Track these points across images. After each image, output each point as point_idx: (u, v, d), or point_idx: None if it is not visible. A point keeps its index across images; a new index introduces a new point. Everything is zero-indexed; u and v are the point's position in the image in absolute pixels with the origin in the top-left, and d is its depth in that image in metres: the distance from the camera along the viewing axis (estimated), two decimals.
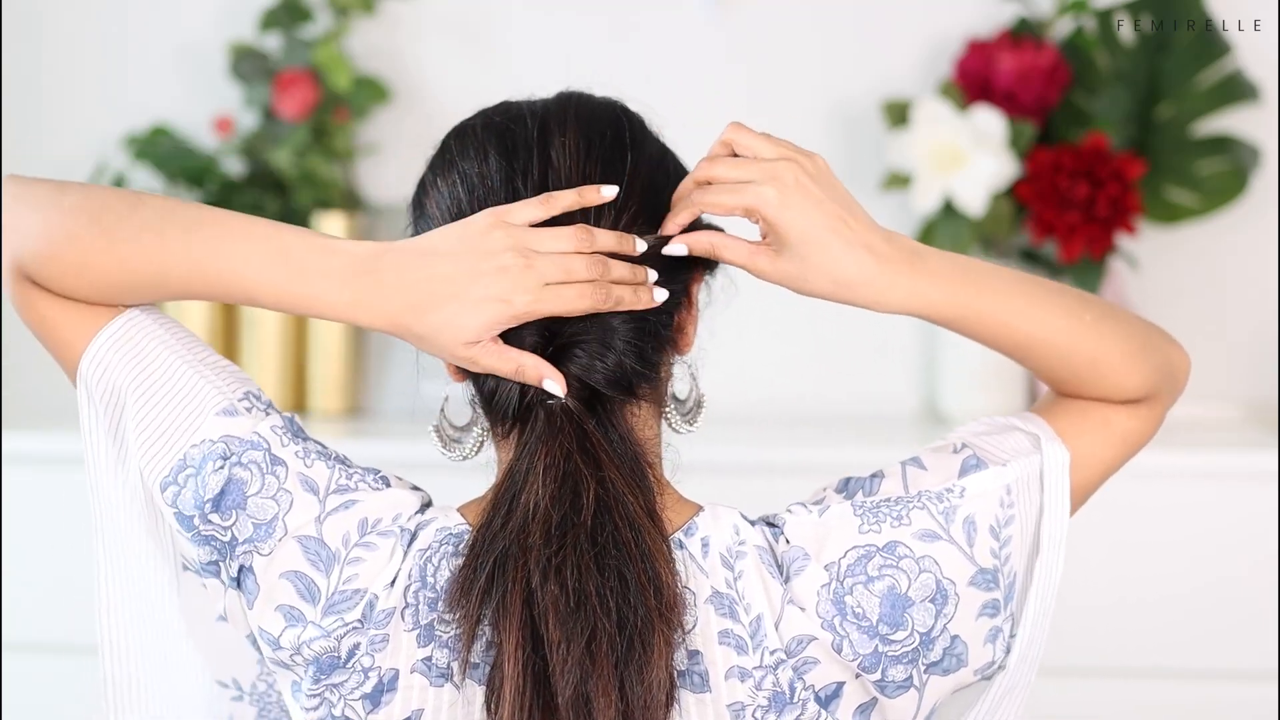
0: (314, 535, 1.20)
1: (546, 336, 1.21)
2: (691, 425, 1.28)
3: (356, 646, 1.19)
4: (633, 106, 1.29)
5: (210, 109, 2.63)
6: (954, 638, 1.22)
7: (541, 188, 1.22)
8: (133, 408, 1.23)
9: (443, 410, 1.27)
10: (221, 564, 1.22)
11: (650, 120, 1.29)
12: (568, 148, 1.24)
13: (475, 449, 1.26)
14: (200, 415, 1.22)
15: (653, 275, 1.21)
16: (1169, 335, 1.36)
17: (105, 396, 1.24)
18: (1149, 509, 2.29)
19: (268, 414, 1.24)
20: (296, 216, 2.56)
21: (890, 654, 1.20)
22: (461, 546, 1.20)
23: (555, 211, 1.20)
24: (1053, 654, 2.28)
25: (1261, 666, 2.27)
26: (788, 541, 1.22)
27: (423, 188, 1.28)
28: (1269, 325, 2.62)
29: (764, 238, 1.24)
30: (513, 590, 1.16)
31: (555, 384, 1.20)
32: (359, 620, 1.19)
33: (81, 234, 1.21)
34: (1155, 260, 2.61)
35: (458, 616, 1.17)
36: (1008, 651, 1.26)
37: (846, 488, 1.26)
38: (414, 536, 1.21)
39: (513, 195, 1.22)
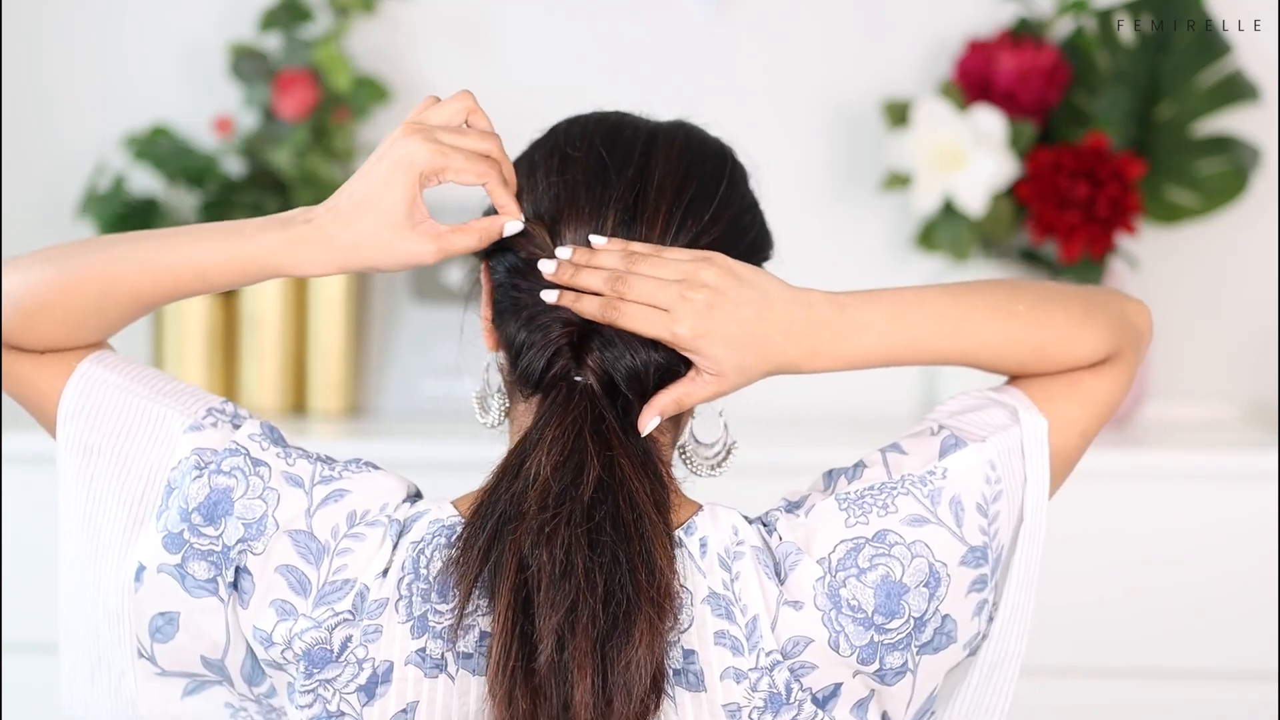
0: (304, 529, 1.21)
1: (584, 322, 1.23)
2: (716, 471, 1.29)
3: (349, 639, 1.20)
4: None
5: (210, 109, 2.63)
6: (944, 617, 1.22)
7: (634, 188, 1.24)
8: (106, 459, 1.26)
9: (485, 379, 1.29)
10: (220, 577, 1.22)
11: (753, 176, 1.31)
12: (669, 159, 1.26)
13: (499, 419, 1.28)
14: (170, 440, 1.25)
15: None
16: (1118, 293, 1.35)
17: (81, 453, 1.27)
18: (1149, 509, 2.29)
19: (237, 425, 1.26)
20: None
21: (886, 642, 1.21)
22: (454, 539, 1.21)
23: (470, 103, 1.24)
24: (1052, 654, 2.29)
25: (1261, 666, 2.27)
26: (780, 538, 1.22)
27: (519, 165, 1.29)
28: (1269, 325, 2.62)
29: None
30: (509, 550, 1.17)
31: (515, 222, 1.23)
32: (350, 611, 1.20)
33: (36, 278, 1.26)
34: (1155, 260, 2.61)
35: (457, 571, 1.18)
36: (990, 620, 1.27)
37: (830, 478, 1.27)
38: (404, 528, 1.22)
39: (604, 187, 1.24)
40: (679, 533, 1.22)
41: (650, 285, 1.21)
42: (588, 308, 1.21)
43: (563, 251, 1.22)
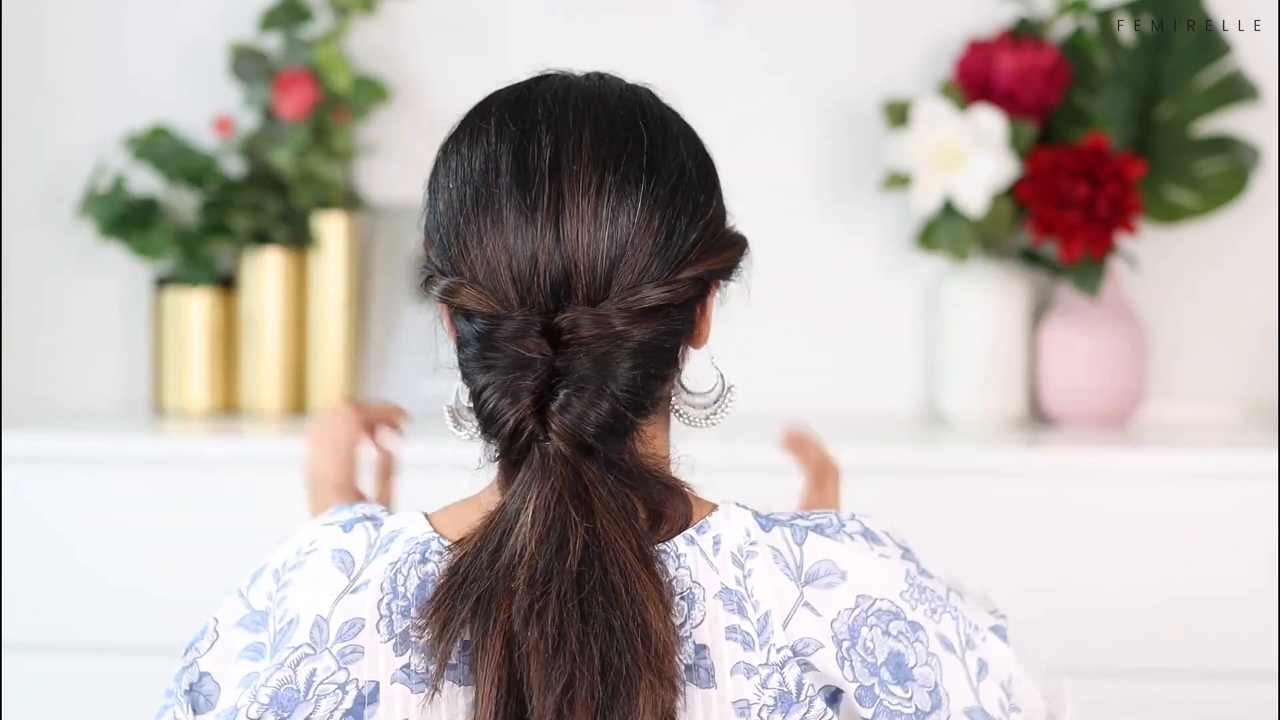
0: (245, 610, 1.24)
1: (547, 380, 1.19)
2: (713, 420, 1.27)
3: (314, 673, 1.19)
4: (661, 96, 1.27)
5: (210, 109, 2.63)
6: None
7: (553, 216, 1.19)
8: None
9: (457, 392, 1.26)
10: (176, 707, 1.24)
11: (669, 116, 1.25)
12: (580, 167, 1.20)
13: (475, 435, 1.24)
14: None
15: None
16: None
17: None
18: (1149, 509, 2.29)
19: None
20: (296, 216, 2.56)
21: (887, 705, 1.20)
22: (428, 553, 1.21)
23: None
24: (1052, 654, 2.28)
25: (1261, 666, 2.27)
26: (822, 557, 1.22)
27: (441, 156, 1.25)
28: (1269, 325, 2.62)
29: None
30: (493, 631, 1.15)
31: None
32: (309, 644, 1.19)
33: None
34: (1155, 260, 2.61)
35: (428, 637, 1.17)
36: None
37: (908, 553, 1.26)
38: (384, 548, 1.22)
39: (529, 229, 1.19)
40: (691, 531, 1.22)
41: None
42: None
43: None
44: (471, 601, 1.16)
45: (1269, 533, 2.26)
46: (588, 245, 1.19)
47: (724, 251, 1.25)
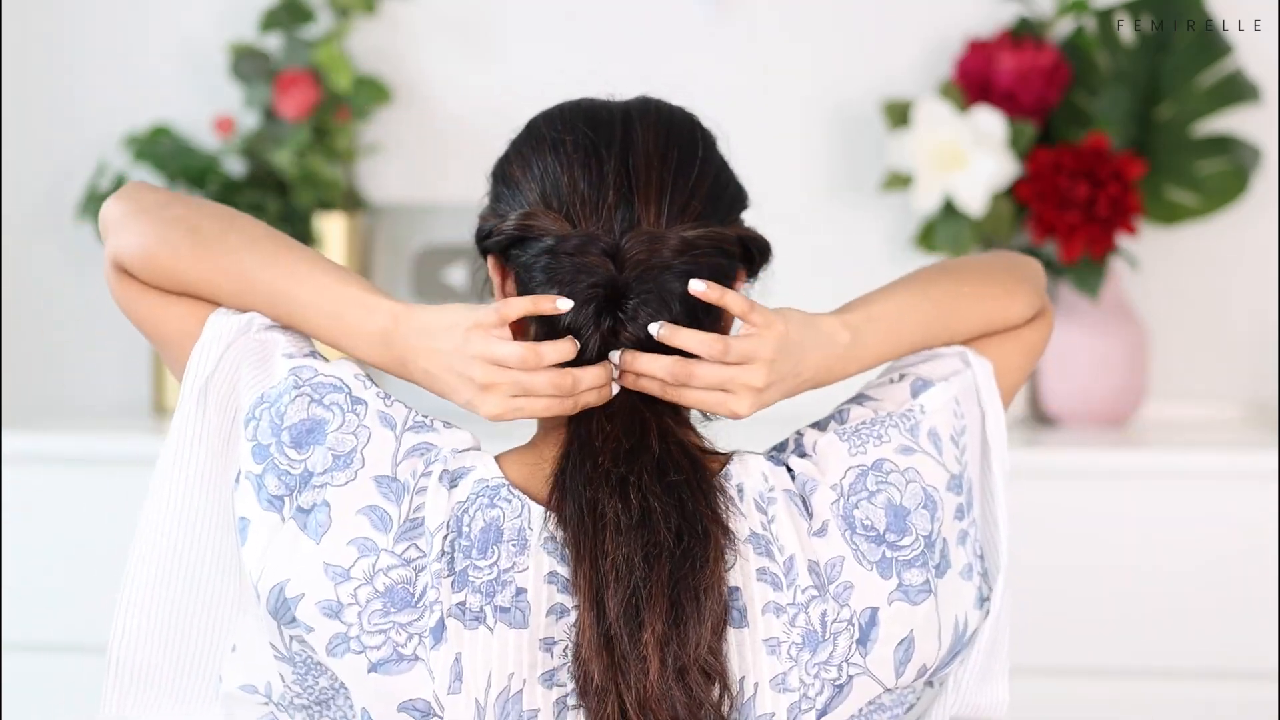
0: (388, 474, 1.27)
1: (613, 294, 1.28)
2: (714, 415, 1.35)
3: (427, 586, 1.24)
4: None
5: (211, 109, 2.63)
6: (945, 540, 1.31)
7: (624, 163, 1.30)
8: (245, 374, 1.32)
9: None
10: (288, 498, 1.26)
11: (718, 139, 1.37)
12: (648, 133, 1.32)
13: None
14: (275, 360, 1.31)
15: (617, 359, 1.28)
16: (1017, 254, 1.49)
17: (225, 376, 1.32)
18: (1149, 509, 2.29)
19: (337, 365, 1.32)
20: (297, 216, 2.56)
21: (901, 559, 1.29)
22: (496, 499, 1.26)
23: (513, 316, 1.27)
24: (1051, 654, 2.29)
25: (1261, 666, 2.27)
26: (797, 474, 1.31)
27: (508, 160, 1.35)
28: (1269, 325, 2.62)
29: None
30: (596, 508, 1.24)
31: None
32: (431, 555, 1.25)
33: (179, 244, 1.33)
34: (1155, 260, 2.62)
35: (567, 538, 1.24)
36: (981, 557, 1.35)
37: (817, 425, 1.36)
38: (452, 482, 1.27)
39: (598, 165, 1.30)
40: (718, 479, 1.29)
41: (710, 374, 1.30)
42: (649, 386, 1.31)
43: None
44: (580, 482, 1.25)
45: (1269, 533, 2.26)
46: (646, 191, 1.30)
47: (759, 236, 1.35)
